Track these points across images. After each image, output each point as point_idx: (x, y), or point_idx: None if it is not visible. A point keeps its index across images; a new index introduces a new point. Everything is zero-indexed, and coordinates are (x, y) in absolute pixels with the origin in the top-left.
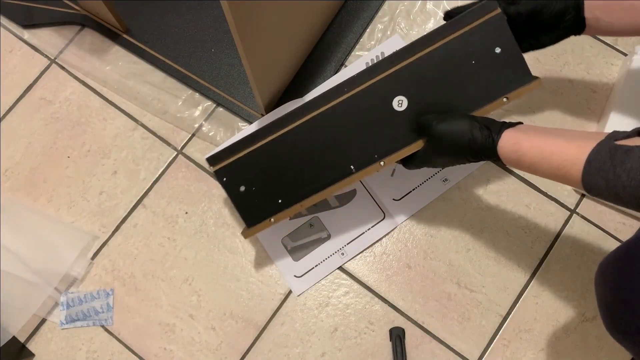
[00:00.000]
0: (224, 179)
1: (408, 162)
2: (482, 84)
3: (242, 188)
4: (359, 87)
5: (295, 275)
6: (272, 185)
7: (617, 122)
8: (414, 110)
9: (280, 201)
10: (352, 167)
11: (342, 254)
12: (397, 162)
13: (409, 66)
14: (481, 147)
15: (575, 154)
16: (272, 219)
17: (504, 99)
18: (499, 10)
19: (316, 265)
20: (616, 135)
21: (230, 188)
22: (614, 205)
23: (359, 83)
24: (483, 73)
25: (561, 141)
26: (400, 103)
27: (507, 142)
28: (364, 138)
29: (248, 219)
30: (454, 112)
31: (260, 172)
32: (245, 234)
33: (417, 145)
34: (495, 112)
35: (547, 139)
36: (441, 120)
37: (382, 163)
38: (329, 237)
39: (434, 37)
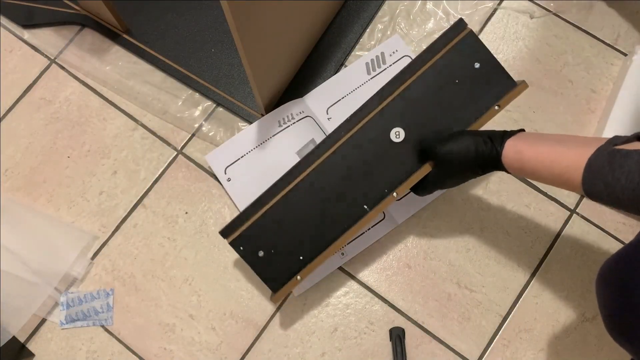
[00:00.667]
0: (240, 248)
1: (419, 189)
2: (471, 100)
3: (261, 253)
4: (356, 128)
5: None
6: (290, 244)
7: (617, 121)
8: (412, 138)
9: (301, 257)
10: (365, 207)
11: (342, 254)
12: (408, 190)
13: (398, 98)
14: (487, 160)
15: (575, 160)
16: (298, 277)
17: (496, 107)
18: (468, 28)
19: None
20: (616, 140)
21: (248, 256)
22: (615, 209)
23: (355, 123)
24: (469, 89)
25: (562, 148)
26: (397, 134)
27: (510, 151)
28: (371, 176)
29: (272, 284)
30: (454, 132)
31: (276, 233)
32: (274, 299)
33: (424, 170)
34: (498, 117)
35: (548, 146)
36: (444, 142)
37: (395, 194)
38: None
39: (415, 67)
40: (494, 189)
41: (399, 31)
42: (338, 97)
